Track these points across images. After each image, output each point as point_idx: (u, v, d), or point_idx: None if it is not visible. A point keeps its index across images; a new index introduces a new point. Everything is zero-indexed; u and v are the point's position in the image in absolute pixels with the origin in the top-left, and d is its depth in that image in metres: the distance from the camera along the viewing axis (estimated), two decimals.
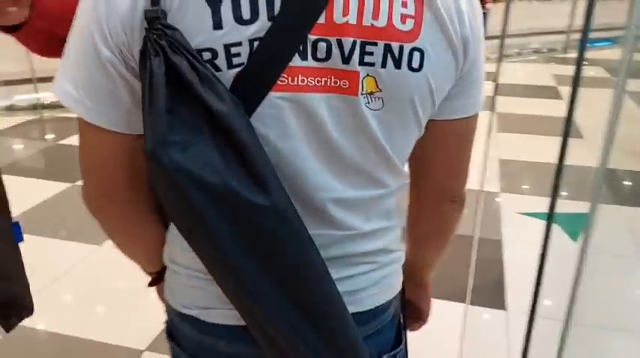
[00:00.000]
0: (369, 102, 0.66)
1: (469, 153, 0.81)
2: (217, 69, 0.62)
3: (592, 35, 1.28)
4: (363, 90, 0.65)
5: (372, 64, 0.64)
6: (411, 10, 0.64)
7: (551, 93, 5.78)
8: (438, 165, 0.81)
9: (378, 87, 0.66)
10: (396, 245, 0.83)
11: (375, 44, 0.64)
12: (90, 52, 0.63)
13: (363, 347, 0.73)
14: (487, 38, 0.80)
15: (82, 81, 0.65)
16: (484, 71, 0.75)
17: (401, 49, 0.65)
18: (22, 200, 3.26)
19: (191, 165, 0.59)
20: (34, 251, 1.21)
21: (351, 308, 0.73)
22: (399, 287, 0.85)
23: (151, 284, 0.89)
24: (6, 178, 1.01)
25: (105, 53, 0.62)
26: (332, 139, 0.67)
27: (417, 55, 0.65)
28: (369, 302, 0.79)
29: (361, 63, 0.64)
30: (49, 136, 4.65)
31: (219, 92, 0.60)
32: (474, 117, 0.76)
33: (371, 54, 0.64)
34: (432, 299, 1.05)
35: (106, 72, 0.63)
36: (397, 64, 0.65)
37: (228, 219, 0.62)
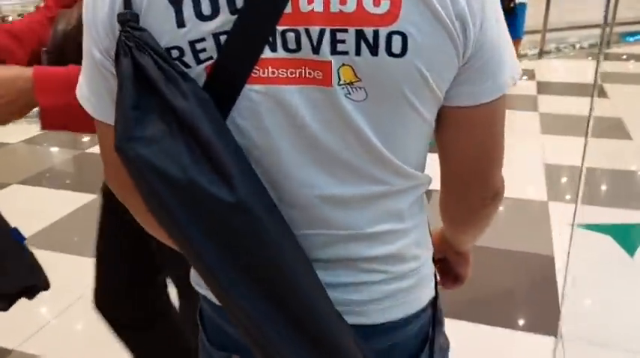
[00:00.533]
0: (349, 93, 0.63)
1: (497, 143, 0.73)
2: (187, 65, 0.63)
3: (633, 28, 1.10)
4: (340, 80, 0.62)
5: (345, 53, 0.61)
6: None
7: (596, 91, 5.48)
8: (460, 156, 0.74)
9: (356, 76, 0.62)
10: (415, 251, 0.77)
11: (346, 31, 0.60)
12: (87, 54, 0.68)
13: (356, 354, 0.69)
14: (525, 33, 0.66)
15: (86, 80, 0.70)
16: (504, 48, 0.66)
17: (376, 33, 0.60)
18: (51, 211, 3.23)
19: (156, 160, 0.60)
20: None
21: (358, 320, 0.72)
22: (425, 300, 0.80)
23: None
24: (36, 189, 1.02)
25: (97, 55, 0.66)
26: (313, 133, 0.65)
27: (397, 39, 0.60)
28: (380, 316, 0.75)
29: (333, 52, 0.61)
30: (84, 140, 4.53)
31: (183, 90, 0.61)
32: (496, 102, 0.68)
33: (343, 42, 0.61)
34: None
35: (100, 73, 0.68)
36: (373, 51, 0.61)
37: (194, 215, 0.62)
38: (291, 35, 0.61)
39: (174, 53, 0.63)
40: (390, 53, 0.60)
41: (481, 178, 0.76)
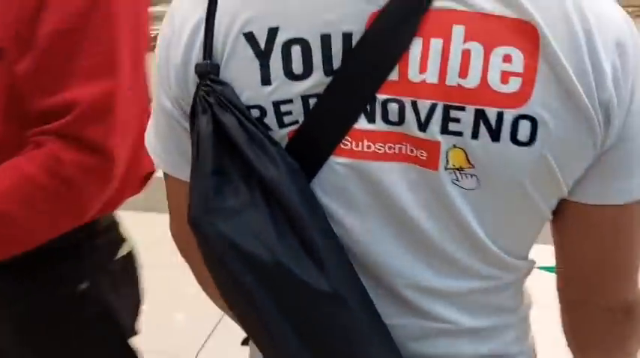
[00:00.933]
0: (457, 179, 0.54)
1: (628, 253, 0.62)
2: (268, 128, 0.56)
3: None
4: (447, 164, 0.54)
5: (458, 134, 0.53)
6: (517, 65, 0.50)
7: None
8: (578, 259, 0.63)
9: (468, 162, 0.53)
10: (519, 347, 0.68)
11: (463, 109, 0.52)
12: (157, 100, 0.63)
13: None
14: None
15: (154, 128, 0.65)
16: None
17: (500, 116, 0.51)
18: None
19: (237, 236, 0.54)
20: None
21: None
22: None
23: (244, 343, 0.77)
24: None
25: (166, 105, 0.60)
26: (410, 217, 0.57)
27: (525, 124, 0.51)
28: None
29: (444, 131, 0.53)
30: None
31: (271, 155, 0.54)
32: (631, 206, 0.57)
33: (457, 121, 0.52)
34: None
35: (169, 123, 0.62)
36: (494, 136, 0.52)
37: (277, 299, 0.55)
38: (393, 106, 0.53)
39: (255, 113, 0.55)
40: (514, 140, 0.52)
41: (604, 289, 0.64)
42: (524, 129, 0.51)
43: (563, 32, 0.50)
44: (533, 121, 0.51)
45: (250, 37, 0.54)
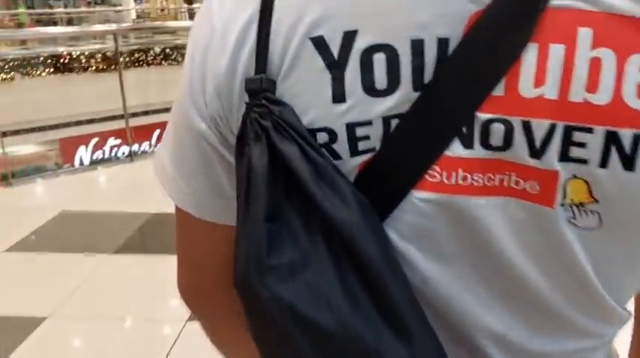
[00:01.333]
0: (574, 218, 0.44)
1: None
2: (336, 156, 0.45)
3: None
4: (565, 198, 0.44)
5: (583, 161, 0.43)
6: None
7: None
8: None
9: (591, 196, 0.44)
10: None
11: (590, 131, 0.42)
12: (183, 122, 0.50)
13: None
14: None
15: (174, 154, 0.53)
16: None
17: (636, 139, 0.41)
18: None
19: (298, 300, 0.43)
20: None
21: None
22: None
23: None
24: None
25: (199, 126, 0.49)
26: (509, 264, 0.47)
27: None
28: None
29: (564, 158, 0.43)
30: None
31: (342, 192, 0.44)
32: None
33: (582, 145, 0.42)
34: None
35: (200, 149, 0.50)
36: (628, 164, 0.42)
37: None
38: (498, 127, 0.43)
39: (322, 137, 0.45)
40: None
41: None
42: None
43: None
44: None
45: (320, 43, 0.43)
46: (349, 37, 0.43)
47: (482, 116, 0.43)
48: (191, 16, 10.83)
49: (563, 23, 0.41)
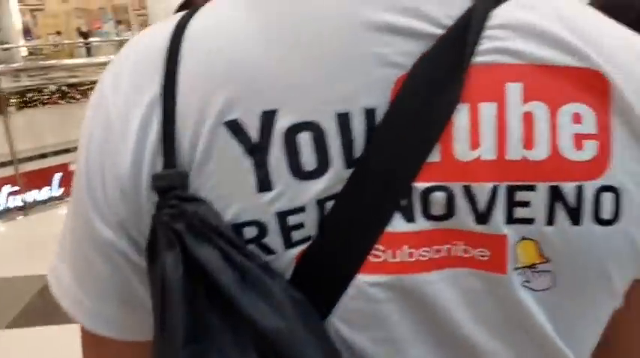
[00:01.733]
0: (528, 281, 0.42)
1: None
2: (269, 251, 0.41)
3: None
4: (517, 263, 0.41)
5: (529, 221, 0.41)
6: (589, 126, 0.40)
7: None
8: (634, 347, 0.52)
9: (542, 256, 0.42)
10: None
11: (533, 188, 0.40)
12: (84, 230, 0.44)
13: None
14: None
15: (78, 273, 0.45)
16: None
17: (579, 191, 0.40)
18: None
19: None
20: None
21: None
22: None
23: None
24: None
25: (105, 235, 0.42)
26: (468, 340, 0.44)
27: (608, 197, 0.41)
28: None
29: (510, 220, 0.41)
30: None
31: (273, 297, 0.39)
32: None
33: (526, 204, 0.41)
34: None
35: (110, 261, 0.43)
36: (575, 218, 0.41)
37: None
38: (438, 196, 0.41)
39: (249, 232, 0.40)
40: (598, 220, 0.41)
41: None
42: (607, 204, 0.41)
43: (634, 80, 0.41)
44: (616, 193, 0.41)
45: (236, 127, 0.39)
46: (268, 118, 0.39)
47: (420, 186, 0.41)
48: (88, 51, 10.32)
49: (491, 80, 0.40)
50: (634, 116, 0.41)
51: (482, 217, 0.41)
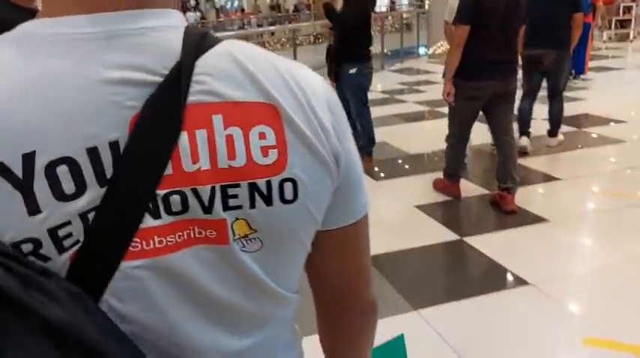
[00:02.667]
0: (244, 246, 0.61)
1: (365, 260, 0.77)
2: (46, 258, 0.52)
3: None
4: (235, 235, 0.59)
5: (239, 207, 0.59)
6: (271, 139, 0.59)
7: None
8: (331, 275, 0.76)
9: (251, 228, 0.60)
10: None
11: (238, 186, 0.58)
12: None
13: None
14: None
15: None
16: (360, 172, 0.70)
17: (269, 184, 0.59)
18: None
19: None
20: None
21: None
22: None
23: None
24: None
25: None
26: (213, 295, 0.61)
27: (288, 185, 0.60)
28: None
29: (226, 208, 0.58)
30: None
31: (52, 293, 0.49)
32: (361, 221, 0.72)
33: (235, 196, 0.58)
34: None
35: None
36: (268, 201, 0.59)
37: None
38: (175, 198, 0.56)
39: (26, 248, 0.51)
40: (283, 201, 0.60)
41: (358, 293, 0.78)
42: (288, 190, 0.60)
43: (294, 105, 0.60)
44: (294, 182, 0.60)
45: (3, 168, 0.49)
46: (29, 158, 0.50)
47: (161, 192, 0.55)
48: None
49: (201, 114, 0.56)
50: (300, 130, 0.59)
51: (208, 209, 0.57)
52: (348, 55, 4.64)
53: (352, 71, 4.63)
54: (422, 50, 13.17)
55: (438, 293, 2.91)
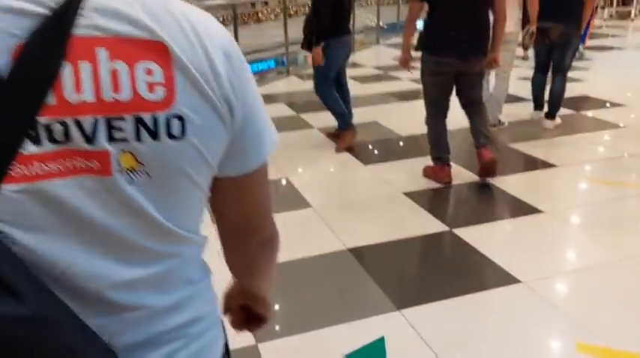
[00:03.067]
0: (131, 179, 0.63)
1: (263, 201, 0.82)
2: None
3: None
4: (120, 167, 0.62)
5: (124, 140, 0.61)
6: (158, 77, 0.61)
7: None
8: (235, 216, 0.81)
9: (138, 161, 0.62)
10: (208, 307, 0.81)
11: (123, 119, 0.61)
12: None
13: None
14: None
15: None
16: (264, 122, 0.74)
17: (155, 119, 0.62)
18: None
19: None
20: None
21: None
22: (221, 346, 0.85)
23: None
24: None
25: None
26: (94, 223, 0.63)
27: (175, 122, 0.63)
28: None
29: (110, 140, 0.61)
30: None
31: None
32: (261, 168, 0.76)
33: (120, 129, 0.61)
34: None
35: None
36: (154, 136, 0.62)
37: None
38: (58, 127, 0.58)
39: None
40: (170, 136, 0.62)
41: (258, 229, 0.84)
42: (175, 126, 0.62)
43: (186, 46, 0.62)
44: (181, 119, 0.63)
45: None
46: None
47: (42, 120, 0.57)
48: None
49: (86, 46, 0.58)
50: (189, 71, 0.62)
51: (90, 140, 0.59)
52: (317, 28, 4.47)
53: (320, 45, 4.48)
54: (419, 24, 12.87)
55: (423, 292, 2.74)
